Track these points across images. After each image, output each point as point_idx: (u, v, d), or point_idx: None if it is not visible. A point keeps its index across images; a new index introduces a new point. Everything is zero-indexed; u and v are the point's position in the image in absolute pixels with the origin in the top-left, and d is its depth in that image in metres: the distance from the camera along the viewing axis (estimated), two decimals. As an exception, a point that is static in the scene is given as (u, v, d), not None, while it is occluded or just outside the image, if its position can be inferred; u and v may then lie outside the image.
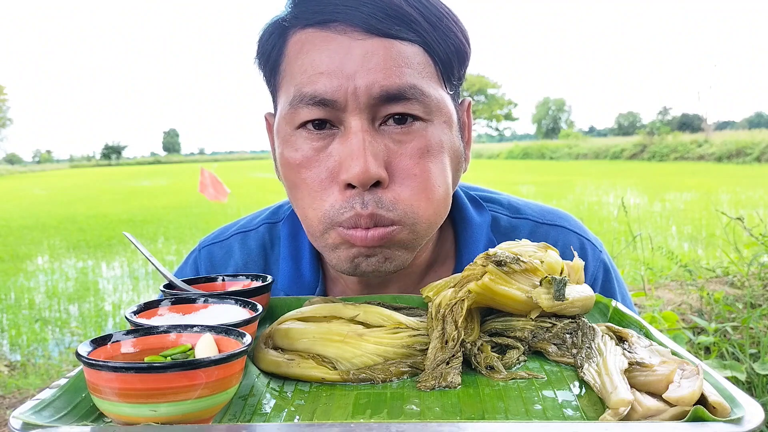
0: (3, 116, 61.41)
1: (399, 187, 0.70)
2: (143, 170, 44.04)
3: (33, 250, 8.32)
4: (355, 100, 0.68)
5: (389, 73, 0.68)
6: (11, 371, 3.92)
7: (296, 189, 0.74)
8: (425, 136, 0.71)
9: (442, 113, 0.72)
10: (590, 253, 0.91)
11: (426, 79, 0.70)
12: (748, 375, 2.42)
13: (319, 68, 0.69)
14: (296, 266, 0.88)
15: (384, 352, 0.60)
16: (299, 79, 0.70)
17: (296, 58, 0.71)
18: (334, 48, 0.69)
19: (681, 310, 3.34)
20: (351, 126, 0.69)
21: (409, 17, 0.69)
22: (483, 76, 63.09)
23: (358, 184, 0.67)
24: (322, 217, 0.71)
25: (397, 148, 0.70)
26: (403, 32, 0.69)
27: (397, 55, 0.68)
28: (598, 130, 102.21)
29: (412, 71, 0.69)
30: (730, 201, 9.95)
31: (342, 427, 0.44)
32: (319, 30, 0.70)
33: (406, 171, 0.70)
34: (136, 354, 0.54)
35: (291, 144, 0.73)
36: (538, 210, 0.94)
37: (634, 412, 0.47)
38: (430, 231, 0.74)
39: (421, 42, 0.70)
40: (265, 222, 0.95)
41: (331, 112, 0.69)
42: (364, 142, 0.67)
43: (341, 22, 0.69)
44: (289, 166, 0.73)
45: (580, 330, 0.63)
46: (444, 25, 0.72)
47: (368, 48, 0.68)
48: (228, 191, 7.84)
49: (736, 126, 68.54)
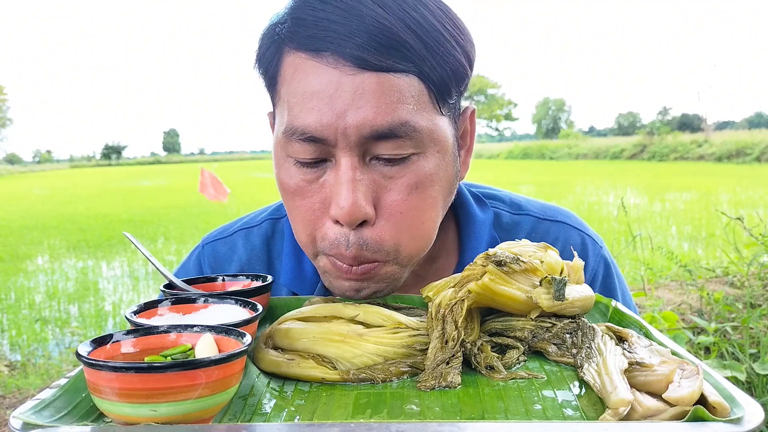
0: (3, 116, 61.42)
1: (385, 224, 0.70)
2: (143, 170, 44.04)
3: (33, 250, 8.33)
4: (345, 138, 0.67)
5: (380, 111, 0.66)
6: (11, 371, 3.92)
7: (290, 212, 0.76)
8: (415, 171, 0.70)
9: (436, 143, 0.71)
10: (591, 249, 0.92)
11: (419, 111, 0.69)
12: (748, 375, 2.42)
13: (310, 102, 0.68)
14: (298, 262, 0.89)
15: (384, 352, 0.60)
16: (291, 111, 0.70)
17: (290, 83, 0.70)
18: (326, 82, 0.67)
19: (681, 310, 3.34)
20: (341, 162, 0.68)
21: (404, 45, 0.66)
22: (483, 76, 63.09)
23: (345, 223, 0.68)
24: (312, 244, 0.73)
25: (386, 183, 0.70)
26: (398, 63, 0.67)
27: (389, 91, 0.67)
28: (598, 130, 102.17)
29: (404, 106, 0.67)
30: (730, 201, 9.96)
31: (342, 427, 0.44)
32: (310, 58, 0.68)
33: (392, 207, 0.70)
34: (136, 354, 0.54)
35: (285, 169, 0.73)
36: (539, 206, 0.94)
37: (634, 412, 0.47)
38: (413, 261, 0.75)
39: (416, 71, 0.68)
40: (268, 218, 0.96)
41: (322, 147, 0.69)
42: (353, 182, 0.68)
43: (332, 53, 0.66)
44: (283, 190, 0.75)
45: (580, 330, 0.63)
46: (442, 48, 0.69)
47: (359, 84, 0.66)
48: (228, 191, 7.84)
49: (736, 126, 68.52)
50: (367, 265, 0.71)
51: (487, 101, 64.86)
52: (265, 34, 0.75)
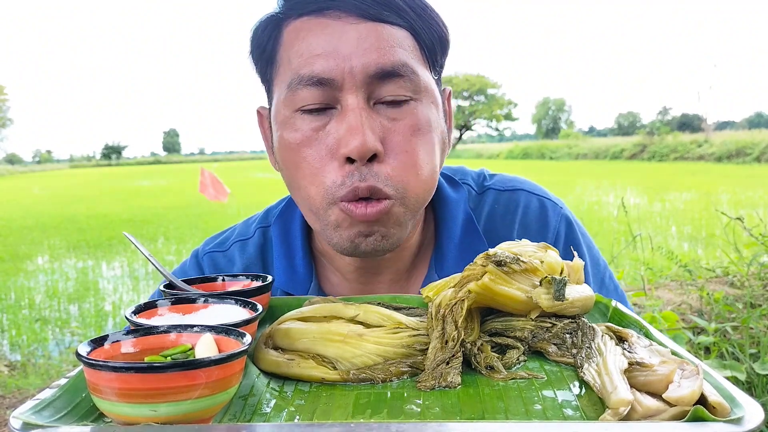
0: (3, 116, 61.39)
1: (393, 162, 0.75)
2: (143, 170, 44.03)
3: (33, 250, 8.32)
4: (352, 78, 0.72)
5: (383, 53, 0.73)
6: (11, 371, 3.92)
7: (297, 168, 0.77)
8: (416, 114, 0.76)
9: (430, 94, 0.78)
10: (550, 209, 0.94)
11: (414, 59, 0.76)
12: (748, 375, 2.42)
13: (316, 50, 0.74)
14: (290, 263, 0.91)
15: (384, 352, 0.60)
16: (297, 63, 0.75)
17: (292, 45, 0.76)
18: (330, 32, 0.74)
19: (681, 310, 3.34)
20: (348, 103, 0.73)
21: (396, 5, 0.75)
22: (483, 76, 63.03)
23: (356, 157, 0.72)
24: (324, 193, 0.75)
25: (390, 125, 0.75)
26: (393, 17, 0.75)
27: (389, 37, 0.74)
28: (598, 130, 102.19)
29: (403, 51, 0.75)
30: (729, 201, 9.95)
31: (342, 427, 0.44)
32: (315, 17, 0.75)
33: (398, 147, 0.75)
34: (136, 354, 0.54)
35: (290, 125, 0.77)
36: (500, 179, 0.98)
37: (634, 412, 0.47)
38: (419, 205, 0.78)
39: (409, 27, 0.76)
40: (259, 227, 0.98)
41: (328, 91, 0.74)
42: (362, 118, 0.72)
43: (335, 9, 0.74)
44: (290, 146, 0.77)
45: (580, 330, 0.63)
46: (428, 15, 0.77)
47: (362, 31, 0.73)
48: (228, 191, 7.84)
49: (736, 126, 68.47)
50: (379, 204, 0.74)
51: (487, 101, 64.84)
52: (260, 23, 0.81)
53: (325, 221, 0.77)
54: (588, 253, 0.95)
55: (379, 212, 0.74)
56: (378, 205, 0.74)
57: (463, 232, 0.89)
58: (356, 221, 0.74)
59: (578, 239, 0.94)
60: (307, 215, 0.81)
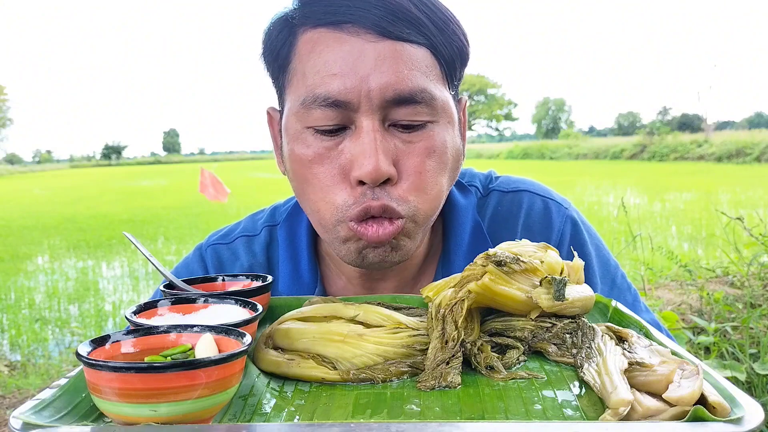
0: (3, 116, 61.40)
1: (405, 183, 0.73)
2: (143, 170, 44.02)
3: (33, 250, 8.32)
4: (369, 101, 0.70)
5: (401, 77, 0.70)
6: (11, 371, 3.92)
7: (307, 183, 0.76)
8: (431, 137, 0.74)
9: (447, 114, 0.76)
10: (554, 210, 0.93)
11: (433, 81, 0.74)
12: (748, 375, 2.42)
13: (333, 69, 0.71)
14: (295, 268, 0.90)
15: (384, 352, 0.60)
16: (312, 80, 0.72)
17: (308, 58, 0.73)
18: (348, 50, 0.71)
19: (681, 310, 3.34)
20: (363, 125, 0.71)
21: (417, 20, 0.71)
22: (483, 76, 63.07)
23: (369, 181, 0.71)
24: (334, 211, 0.74)
25: (405, 147, 0.73)
26: (413, 35, 0.72)
27: (408, 59, 0.71)
28: (598, 130, 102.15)
29: (421, 74, 0.72)
30: (729, 201, 9.95)
31: (342, 427, 0.44)
32: (331, 30, 0.72)
33: (411, 169, 0.73)
34: (136, 354, 0.54)
35: (302, 141, 0.75)
36: (505, 180, 0.97)
37: (634, 412, 0.47)
38: (428, 222, 0.78)
39: (429, 45, 0.73)
40: (265, 225, 0.97)
41: (343, 113, 0.72)
42: (376, 141, 0.71)
43: (354, 24, 0.71)
44: (300, 161, 0.76)
45: (580, 330, 0.63)
46: (449, 29, 0.75)
47: (380, 51, 0.70)
48: (228, 191, 7.83)
49: (736, 126, 68.48)
50: (392, 225, 0.73)
51: (487, 101, 64.83)
52: (273, 23, 0.78)
53: (334, 235, 0.76)
54: (596, 254, 0.93)
55: (394, 233, 0.73)
56: (390, 227, 0.73)
57: (471, 240, 0.88)
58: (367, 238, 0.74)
59: (584, 240, 0.93)
60: (315, 225, 0.80)
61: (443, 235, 0.91)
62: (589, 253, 0.92)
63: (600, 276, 0.92)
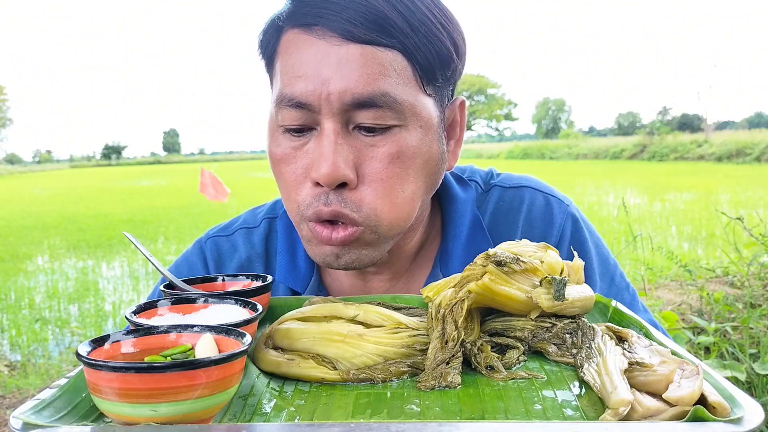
0: (3, 116, 61.41)
1: (365, 189, 0.73)
2: (143, 170, 44.02)
3: (33, 250, 8.32)
4: (329, 104, 0.71)
5: (361, 81, 0.70)
6: (11, 371, 3.92)
7: (279, 180, 0.79)
8: (397, 141, 0.73)
9: (418, 117, 0.74)
10: (556, 207, 0.93)
11: (402, 85, 0.72)
12: (748, 375, 2.42)
13: (298, 71, 0.72)
14: (292, 259, 0.91)
15: (384, 352, 0.60)
16: (282, 80, 0.75)
17: (283, 58, 0.75)
18: (313, 52, 0.72)
19: (681, 310, 3.34)
20: (324, 128, 0.72)
21: (389, 22, 0.71)
22: (483, 76, 63.09)
23: (324, 183, 0.72)
24: (296, 210, 0.76)
25: (368, 151, 0.73)
26: (382, 38, 0.71)
27: (372, 62, 0.71)
28: (598, 130, 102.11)
29: (386, 78, 0.71)
30: (729, 201, 9.95)
31: (342, 427, 0.44)
32: (303, 32, 0.73)
33: (374, 174, 0.73)
34: (136, 354, 0.54)
35: (275, 139, 0.78)
36: (506, 176, 0.97)
37: (633, 412, 0.47)
38: (393, 233, 0.77)
39: (400, 47, 0.72)
40: (265, 217, 0.98)
41: (307, 114, 0.73)
42: (335, 145, 0.71)
43: (322, 27, 0.72)
44: (272, 159, 0.79)
45: (580, 330, 0.63)
46: (427, 30, 0.73)
47: (344, 54, 0.71)
48: (228, 191, 7.83)
49: (736, 126, 68.41)
50: (345, 230, 0.73)
51: (487, 101, 64.85)
52: (267, 22, 0.80)
53: (301, 233, 0.79)
54: (596, 252, 0.94)
55: (344, 239, 0.74)
56: (343, 232, 0.73)
57: (469, 233, 0.89)
58: (322, 243, 0.75)
59: (585, 237, 0.94)
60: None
61: (441, 227, 0.92)
62: (589, 250, 0.93)
63: (599, 274, 0.93)
